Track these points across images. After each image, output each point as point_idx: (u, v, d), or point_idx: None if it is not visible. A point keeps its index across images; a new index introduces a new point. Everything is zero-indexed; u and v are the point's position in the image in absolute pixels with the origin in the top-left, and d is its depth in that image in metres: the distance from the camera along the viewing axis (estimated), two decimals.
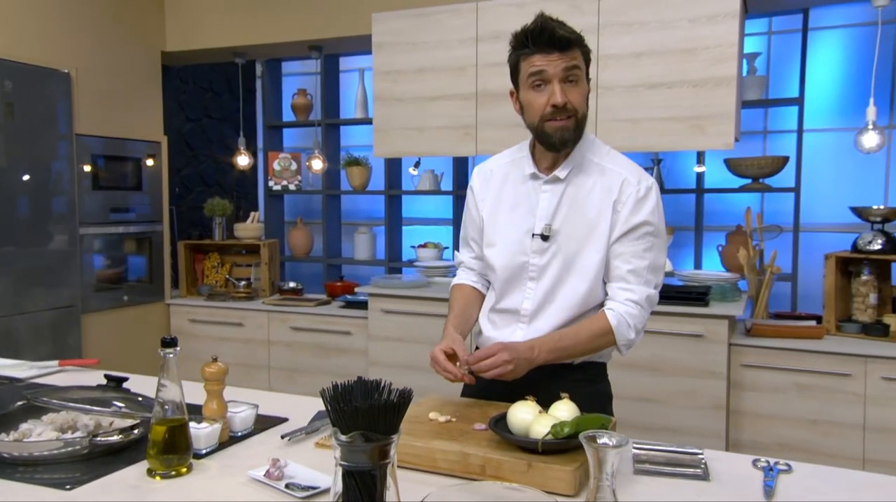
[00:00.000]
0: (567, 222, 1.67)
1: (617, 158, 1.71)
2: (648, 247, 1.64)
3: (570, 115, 1.61)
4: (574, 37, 1.60)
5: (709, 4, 3.03)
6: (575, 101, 1.60)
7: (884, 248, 3.06)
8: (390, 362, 3.62)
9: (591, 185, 1.67)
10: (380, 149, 3.74)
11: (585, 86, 1.64)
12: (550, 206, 1.69)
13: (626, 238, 1.64)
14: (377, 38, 3.66)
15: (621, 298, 1.64)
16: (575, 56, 1.60)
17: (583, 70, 1.62)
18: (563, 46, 1.58)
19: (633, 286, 1.64)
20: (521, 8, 3.34)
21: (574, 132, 1.63)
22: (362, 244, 4.78)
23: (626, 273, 1.64)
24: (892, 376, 2.85)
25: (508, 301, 1.75)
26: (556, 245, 1.68)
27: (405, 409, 1.03)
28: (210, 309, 4.17)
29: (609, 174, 1.66)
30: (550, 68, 1.58)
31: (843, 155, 4.02)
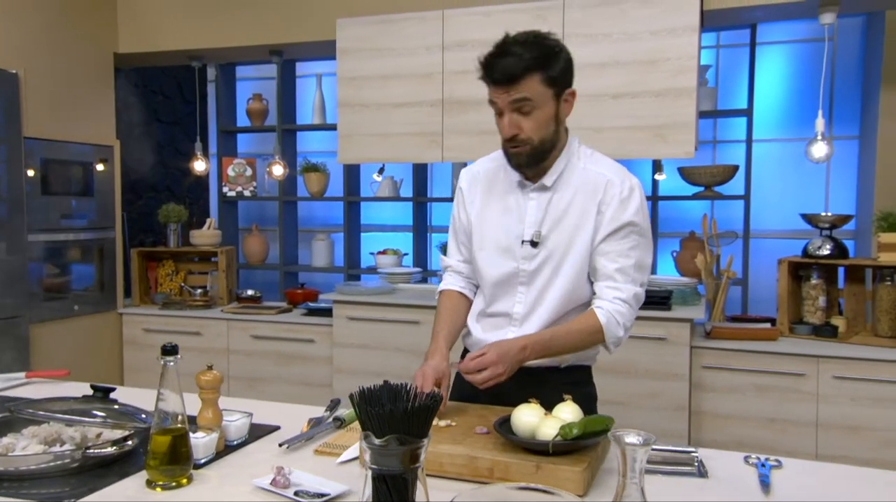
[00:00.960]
0: (555, 228, 1.70)
1: (601, 161, 1.74)
2: (634, 245, 1.67)
3: (523, 144, 1.62)
4: (521, 68, 1.55)
5: (669, 18, 3.13)
6: (528, 130, 1.60)
7: (832, 254, 3.21)
8: (356, 369, 3.60)
9: (576, 190, 1.69)
10: (344, 155, 3.73)
11: (545, 111, 1.61)
12: (539, 214, 1.71)
13: (612, 237, 1.67)
14: (342, 44, 3.64)
15: (609, 296, 1.67)
16: (525, 87, 1.56)
17: (538, 98, 1.58)
18: (509, 81, 1.56)
19: (620, 284, 1.67)
20: (488, 17, 3.38)
21: (529, 157, 1.64)
22: (320, 251, 4.74)
23: (614, 271, 1.67)
24: (843, 375, 2.99)
25: (499, 305, 1.77)
26: (546, 251, 1.71)
27: (435, 413, 1.04)
28: (165, 318, 4.07)
29: (593, 177, 1.69)
30: (500, 101, 1.60)
31: (785, 164, 4.20)
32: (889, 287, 3.14)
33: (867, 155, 3.91)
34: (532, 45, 1.57)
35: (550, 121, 1.63)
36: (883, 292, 3.16)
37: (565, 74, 1.63)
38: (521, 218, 1.73)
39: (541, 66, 1.56)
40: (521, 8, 3.33)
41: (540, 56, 1.56)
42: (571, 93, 1.66)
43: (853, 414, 2.98)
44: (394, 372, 3.54)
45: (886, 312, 3.15)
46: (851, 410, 2.98)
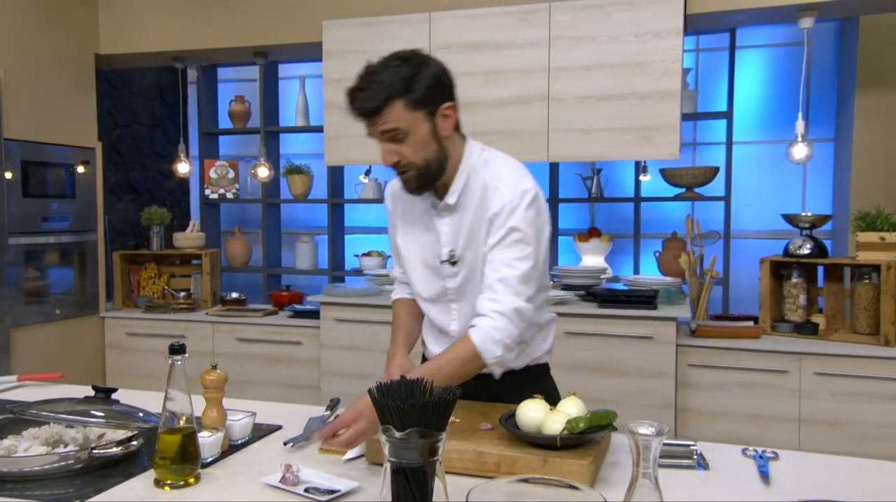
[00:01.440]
0: (468, 245, 1.66)
1: (496, 168, 1.64)
2: (521, 256, 1.58)
3: (407, 169, 1.57)
4: (380, 100, 1.50)
5: (654, 22, 3.18)
6: (407, 155, 1.55)
7: (812, 253, 3.28)
8: (344, 371, 3.60)
9: (477, 204, 1.63)
10: (331, 157, 3.73)
11: (419, 134, 1.54)
12: (450, 233, 1.67)
13: (498, 245, 1.59)
14: (328, 46, 3.65)
15: (487, 309, 1.56)
16: (389, 116, 1.51)
17: (405, 124, 1.52)
18: (370, 114, 1.53)
19: (500, 296, 1.56)
20: (474, 19, 3.41)
21: (419, 181, 1.59)
22: (304, 253, 4.73)
23: (495, 282, 1.57)
24: (824, 371, 3.06)
25: (437, 322, 1.77)
26: (466, 268, 1.67)
27: (454, 406, 1.06)
28: (149, 321, 4.03)
29: (489, 190, 1.61)
30: (372, 132, 1.56)
31: (763, 166, 4.29)
32: (867, 285, 3.21)
33: (842, 157, 4.01)
34: (392, 71, 1.51)
35: (429, 141, 1.55)
36: (861, 290, 3.24)
37: (433, 92, 1.54)
38: (437, 237, 1.70)
39: (401, 92, 1.50)
40: (508, 11, 3.36)
41: (398, 82, 1.50)
42: (449, 107, 1.57)
43: (834, 410, 3.05)
44: (382, 373, 3.54)
45: (865, 310, 3.22)
46: (832, 406, 3.05)
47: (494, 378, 1.65)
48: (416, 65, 1.54)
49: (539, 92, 3.35)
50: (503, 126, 3.39)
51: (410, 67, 1.52)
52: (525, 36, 3.33)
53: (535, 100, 3.35)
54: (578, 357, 3.24)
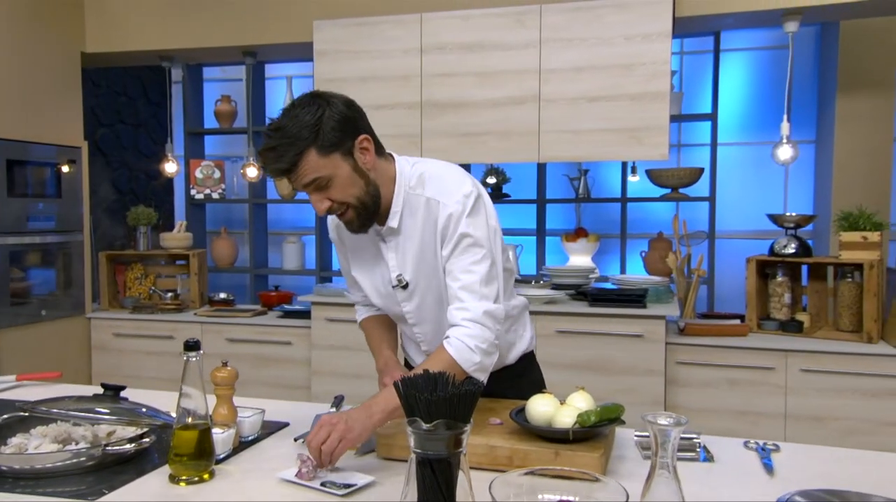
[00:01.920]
0: (417, 266, 1.63)
1: (433, 182, 1.60)
2: (476, 259, 1.55)
3: (344, 210, 1.54)
4: (289, 159, 1.44)
5: (643, 24, 3.23)
6: (339, 197, 1.51)
7: (797, 252, 3.34)
8: (335, 371, 3.60)
9: (420, 223, 1.60)
10: None
11: (342, 175, 1.49)
12: (398, 257, 1.65)
13: (453, 255, 1.57)
14: (318, 46, 3.65)
15: (458, 319, 1.53)
16: (305, 169, 1.46)
17: (324, 171, 1.47)
18: (283, 172, 1.48)
19: (467, 304, 1.53)
20: (466, 21, 3.44)
21: (360, 219, 1.56)
22: (291, 253, 4.72)
23: (458, 290, 1.55)
24: (809, 368, 3.12)
25: (410, 341, 1.81)
26: (419, 289, 1.65)
27: (478, 398, 1.08)
28: (136, 322, 4.00)
29: (431, 205, 1.58)
30: (296, 186, 1.51)
31: (745, 167, 4.37)
32: (850, 283, 3.29)
33: (823, 158, 4.09)
34: (295, 122, 1.45)
35: (354, 179, 1.51)
36: (844, 288, 3.31)
37: (341, 132, 1.47)
38: (386, 264, 1.67)
39: (308, 144, 1.45)
40: (500, 12, 3.40)
41: (304, 132, 1.44)
42: (362, 139, 1.51)
43: (818, 405, 3.12)
44: (374, 373, 3.54)
45: (847, 307, 3.30)
46: (817, 401, 3.12)
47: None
48: (317, 108, 1.46)
49: (530, 93, 3.38)
50: (494, 126, 3.42)
51: (312, 113, 1.45)
52: (517, 37, 3.37)
53: (527, 100, 3.39)
54: (569, 355, 3.28)
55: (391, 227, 1.61)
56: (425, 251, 1.60)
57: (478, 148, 3.45)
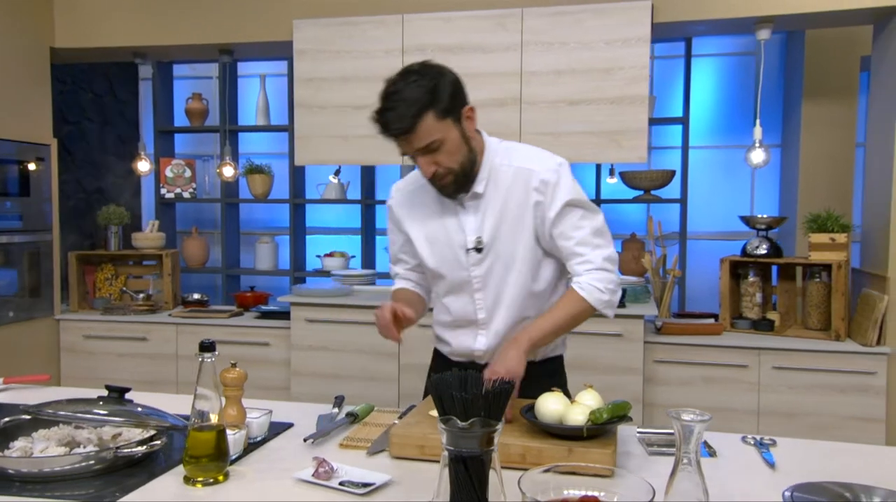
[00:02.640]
0: (496, 230, 1.73)
1: (521, 153, 1.76)
2: (581, 216, 1.70)
3: (445, 175, 1.65)
4: (409, 116, 1.55)
5: (622, 29, 3.29)
6: (444, 163, 1.63)
7: (769, 253, 3.44)
8: (315, 372, 3.59)
9: (508, 189, 1.72)
10: (302, 157, 3.71)
11: (452, 140, 1.62)
12: (476, 220, 1.74)
13: (558, 220, 1.69)
14: (299, 45, 3.63)
15: (581, 270, 1.70)
16: (422, 131, 1.57)
17: (441, 135, 1.59)
18: (402, 132, 1.58)
19: (587, 256, 1.69)
20: (448, 22, 3.45)
21: (456, 185, 1.68)
22: (264, 254, 4.68)
23: (575, 247, 1.69)
24: (781, 365, 3.23)
25: (461, 313, 1.82)
26: (493, 254, 1.74)
27: (510, 397, 1.10)
28: (108, 323, 3.92)
29: (521, 173, 1.71)
30: (408, 150, 1.63)
31: (714, 170, 4.48)
32: (818, 283, 3.40)
33: (789, 162, 4.22)
34: (414, 86, 1.57)
35: (461, 145, 1.64)
36: (813, 288, 3.42)
37: (455, 99, 1.62)
38: (460, 228, 1.76)
39: (428, 105, 1.56)
40: (482, 15, 3.42)
41: (425, 94, 1.56)
42: (469, 109, 1.67)
43: (790, 402, 3.22)
44: (354, 373, 3.56)
45: (816, 306, 3.41)
46: (788, 398, 3.22)
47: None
48: (434, 76, 1.60)
49: (511, 95, 3.42)
50: None
51: (429, 79, 1.58)
52: (498, 40, 3.40)
53: (508, 103, 3.42)
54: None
55: (476, 192, 1.72)
56: (506, 216, 1.72)
57: None
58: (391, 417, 1.76)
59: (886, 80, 3.27)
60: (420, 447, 1.47)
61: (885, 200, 3.23)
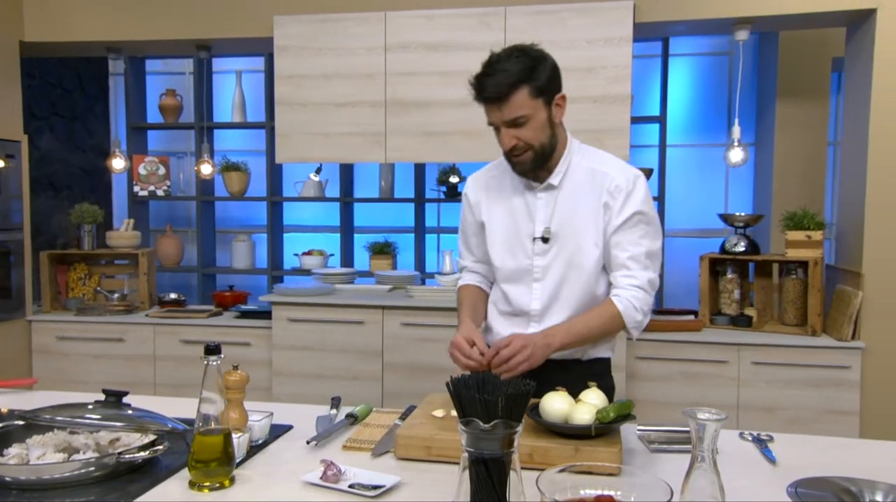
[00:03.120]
0: (564, 224, 1.78)
1: (602, 158, 1.83)
2: (643, 234, 1.75)
3: (525, 151, 1.70)
4: (508, 84, 1.62)
5: (605, 29, 3.32)
6: (526, 138, 1.68)
7: (747, 250, 3.50)
8: (297, 372, 3.55)
9: (582, 187, 1.78)
10: (283, 155, 3.66)
11: (539, 120, 1.68)
12: (547, 211, 1.80)
13: (622, 229, 1.75)
14: (279, 42, 3.58)
15: (625, 284, 1.75)
16: (516, 102, 1.64)
17: (530, 112, 1.66)
18: (500, 99, 1.64)
19: (634, 272, 1.75)
20: (431, 20, 3.44)
21: (533, 162, 1.73)
22: (241, 252, 4.63)
23: (626, 260, 1.75)
24: (760, 361, 3.28)
25: (516, 302, 1.84)
26: (557, 246, 1.79)
27: (529, 398, 1.10)
28: (82, 324, 3.83)
29: (597, 174, 1.78)
30: (495, 119, 1.69)
31: (688, 168, 4.54)
32: (794, 280, 3.47)
33: (763, 160, 4.29)
34: (516, 59, 1.64)
35: (545, 127, 1.71)
36: (789, 285, 3.49)
37: (552, 82, 1.70)
38: (530, 216, 1.81)
39: (527, 79, 1.64)
40: (465, 13, 3.42)
41: (525, 69, 1.63)
42: (562, 97, 1.74)
43: (768, 396, 3.28)
44: (337, 373, 3.53)
45: (792, 302, 3.48)
46: (766, 392, 3.28)
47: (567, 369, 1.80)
48: (536, 57, 1.67)
49: None
50: (461, 126, 3.44)
51: (531, 58, 1.66)
52: (482, 38, 3.40)
53: None
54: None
55: (551, 184, 1.78)
56: (577, 213, 1.77)
57: (443, 147, 3.47)
58: (391, 418, 1.75)
59: (860, 80, 3.35)
60: (426, 448, 1.46)
61: (859, 199, 3.30)
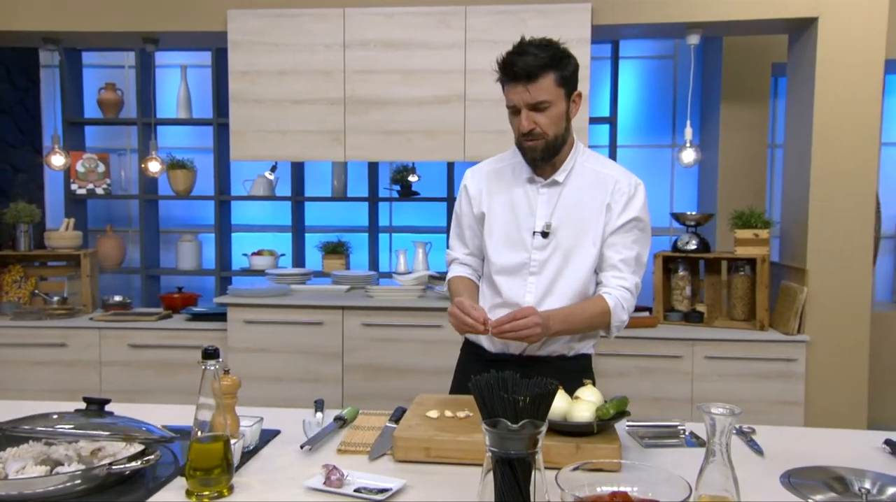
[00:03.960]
0: (564, 220, 1.82)
1: (606, 162, 1.90)
2: (636, 239, 1.82)
3: (539, 138, 1.75)
4: (539, 65, 1.68)
5: (564, 30, 3.35)
6: (543, 125, 1.73)
7: (698, 248, 3.61)
8: (255, 374, 3.46)
9: (585, 187, 1.83)
10: (237, 152, 3.57)
11: (558, 109, 1.74)
12: (549, 206, 1.83)
13: (618, 231, 1.81)
14: (234, 37, 3.49)
15: (614, 284, 1.81)
16: (542, 86, 1.69)
17: (553, 99, 1.71)
18: (529, 77, 1.69)
19: (624, 274, 1.81)
20: (390, 18, 3.41)
21: (543, 151, 1.77)
22: (187, 253, 4.48)
23: (618, 262, 1.81)
24: (713, 355, 3.39)
25: (510, 294, 1.85)
26: (556, 241, 1.82)
27: (553, 399, 1.10)
28: (20, 329, 3.64)
29: (601, 177, 1.84)
30: (518, 99, 1.72)
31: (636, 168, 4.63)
32: (743, 276, 3.59)
33: (707, 161, 4.43)
34: (546, 47, 1.71)
35: (562, 118, 1.76)
36: (738, 281, 3.61)
37: (574, 77, 1.77)
38: (531, 211, 1.84)
39: (555, 66, 1.70)
40: (425, 11, 3.40)
41: (555, 57, 1.71)
42: (578, 94, 1.80)
43: (721, 389, 3.38)
44: (296, 375, 3.47)
45: (741, 299, 3.60)
46: (719, 386, 3.38)
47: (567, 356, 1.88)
48: (563, 49, 1.75)
49: (456, 93, 3.42)
50: (420, 125, 3.42)
51: (560, 49, 1.73)
52: (442, 37, 3.39)
53: (452, 100, 3.42)
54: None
55: (556, 180, 1.83)
56: (578, 212, 1.82)
57: (403, 146, 3.44)
58: (380, 420, 1.73)
59: (802, 85, 3.49)
60: (426, 449, 1.45)
61: (803, 198, 3.44)
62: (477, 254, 1.97)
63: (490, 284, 1.91)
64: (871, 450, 1.58)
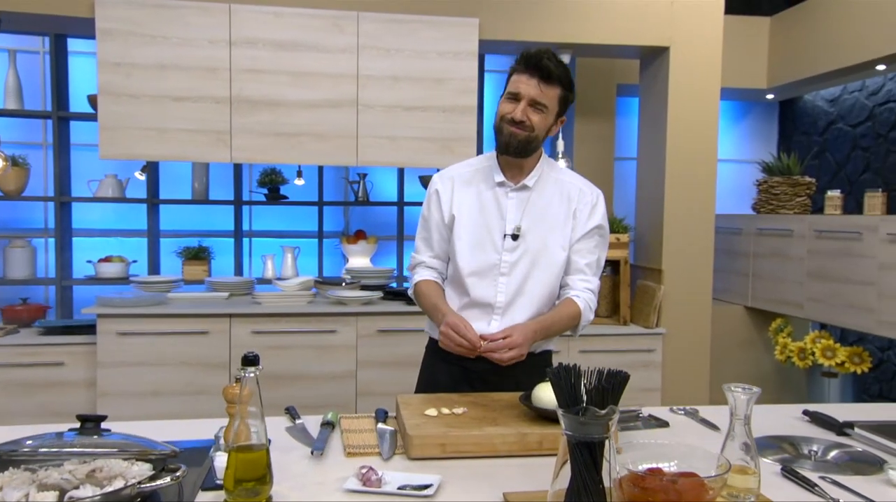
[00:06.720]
0: (533, 223, 1.92)
1: (570, 173, 2.03)
2: (597, 244, 1.98)
3: (525, 130, 1.85)
4: (557, 75, 1.83)
5: (453, 42, 3.48)
6: (533, 122, 1.85)
7: None
8: (129, 390, 3.20)
9: (551, 194, 1.95)
10: (108, 150, 3.27)
11: (548, 119, 1.88)
12: (518, 210, 1.92)
13: (584, 238, 1.95)
14: (103, 24, 3.21)
15: (581, 287, 1.94)
16: (551, 92, 1.84)
17: (550, 107, 1.86)
18: (545, 75, 1.82)
19: (589, 277, 1.96)
20: (279, 18, 3.33)
21: (522, 142, 1.86)
22: (19, 260, 4.01)
23: (584, 266, 1.95)
24: (586, 349, 3.68)
25: (479, 296, 1.91)
26: (525, 244, 1.91)
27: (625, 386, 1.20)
28: None
29: (566, 185, 1.97)
30: (525, 91, 1.83)
31: None
32: (605, 277, 3.93)
33: None
34: (566, 69, 1.88)
35: (546, 127, 1.89)
36: (602, 281, 3.94)
37: (567, 103, 1.92)
38: (501, 214, 1.93)
39: (566, 86, 1.87)
40: (316, 14, 3.36)
41: (568, 79, 1.88)
42: (562, 119, 1.95)
43: None
44: (178, 388, 3.25)
45: (604, 297, 3.93)
46: None
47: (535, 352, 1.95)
48: (573, 81, 1.91)
49: (348, 97, 3.41)
50: (311, 128, 3.37)
51: (572, 80, 1.90)
52: (334, 41, 3.37)
53: (345, 105, 3.41)
54: (391, 353, 3.38)
55: (525, 185, 1.93)
56: (545, 217, 1.93)
57: (293, 148, 3.37)
58: (364, 422, 1.72)
59: (655, 106, 3.91)
60: (441, 445, 1.48)
61: (657, 206, 3.85)
62: (443, 257, 2.02)
63: (457, 285, 1.96)
64: (793, 421, 1.84)
